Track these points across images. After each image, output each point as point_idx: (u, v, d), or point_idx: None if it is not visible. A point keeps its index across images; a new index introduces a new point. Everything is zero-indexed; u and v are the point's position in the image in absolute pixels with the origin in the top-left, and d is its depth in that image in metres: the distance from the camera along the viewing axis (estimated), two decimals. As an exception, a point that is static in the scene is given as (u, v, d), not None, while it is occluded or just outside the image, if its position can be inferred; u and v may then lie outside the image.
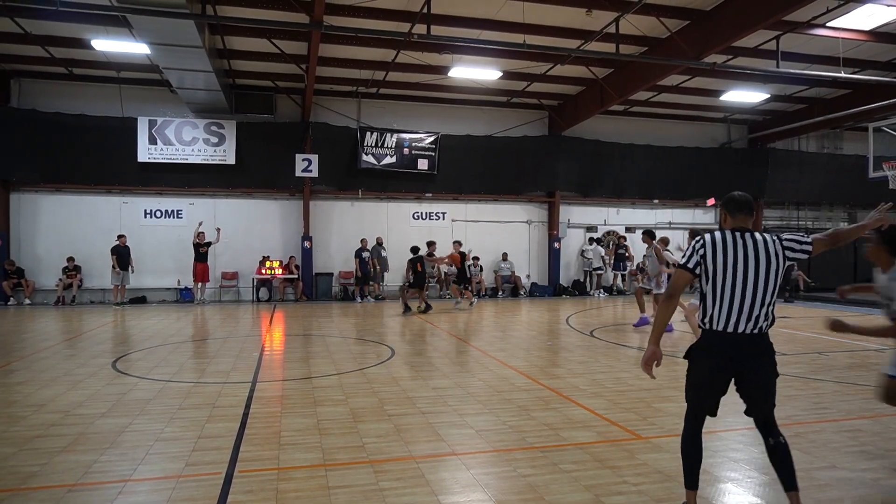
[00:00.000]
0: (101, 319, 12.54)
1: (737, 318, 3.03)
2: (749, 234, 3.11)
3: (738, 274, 3.02)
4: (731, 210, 3.27)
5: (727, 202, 3.30)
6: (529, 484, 3.72)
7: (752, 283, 3.01)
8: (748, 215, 3.23)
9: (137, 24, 10.85)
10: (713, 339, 3.11)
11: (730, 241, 3.08)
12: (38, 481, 3.76)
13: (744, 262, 3.03)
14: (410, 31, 11.66)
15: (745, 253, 3.04)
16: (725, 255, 3.05)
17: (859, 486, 3.71)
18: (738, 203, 3.26)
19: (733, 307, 3.02)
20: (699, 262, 3.13)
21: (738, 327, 3.03)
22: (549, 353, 8.66)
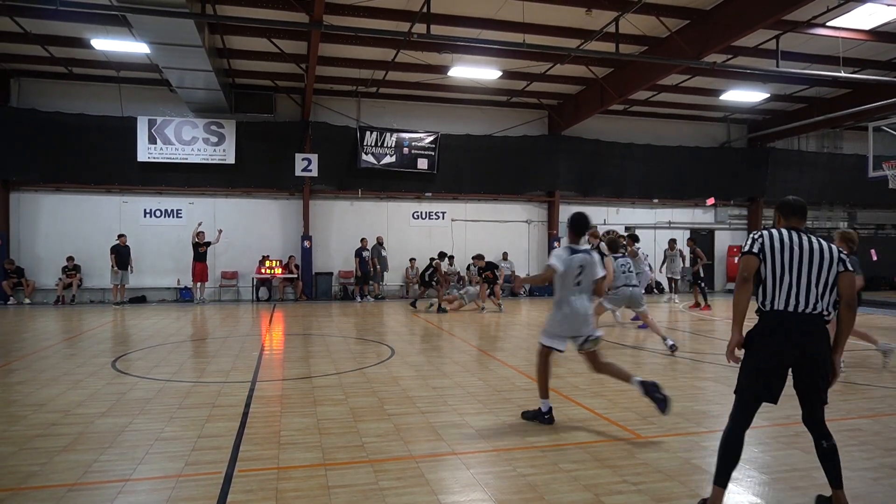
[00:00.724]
0: (101, 319, 12.54)
1: (795, 299, 3.19)
2: (803, 233, 3.30)
3: (795, 259, 3.21)
4: (786, 213, 3.43)
5: (782, 206, 3.46)
6: (529, 483, 3.72)
7: (807, 270, 3.19)
8: (801, 219, 3.40)
9: (137, 23, 10.85)
10: (773, 318, 3.23)
11: (786, 235, 3.27)
12: (38, 481, 3.76)
13: (799, 251, 3.22)
14: (410, 31, 11.66)
15: (800, 245, 3.23)
16: (782, 243, 3.24)
17: (859, 486, 3.71)
18: (793, 207, 3.42)
19: (791, 289, 3.19)
20: (761, 249, 3.27)
21: (798, 307, 3.18)
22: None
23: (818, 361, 3.22)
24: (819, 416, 3.33)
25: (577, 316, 4.84)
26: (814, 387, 3.28)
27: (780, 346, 3.21)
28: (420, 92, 17.66)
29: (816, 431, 3.33)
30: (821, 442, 3.30)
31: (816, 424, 3.33)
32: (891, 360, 7.47)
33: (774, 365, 3.23)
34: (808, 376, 3.26)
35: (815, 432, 3.34)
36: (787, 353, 3.21)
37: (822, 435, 3.31)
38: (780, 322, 3.22)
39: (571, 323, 4.87)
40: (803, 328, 3.19)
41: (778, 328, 3.22)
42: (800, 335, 3.19)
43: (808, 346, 3.19)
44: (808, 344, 3.19)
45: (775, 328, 3.23)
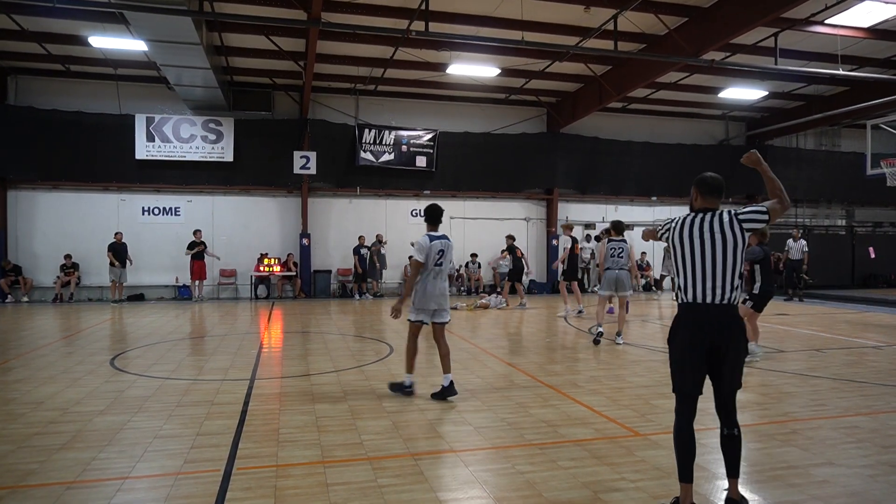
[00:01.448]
0: (99, 317, 12.53)
1: (702, 289, 3.23)
2: (712, 214, 3.33)
3: (703, 247, 3.25)
4: (703, 191, 3.46)
5: (701, 183, 3.48)
6: (527, 480, 3.73)
7: (715, 255, 3.23)
8: (717, 198, 3.42)
9: (135, 20, 10.81)
10: (689, 311, 3.29)
11: (695, 221, 3.33)
12: (37, 479, 3.76)
13: (710, 239, 3.26)
14: (409, 28, 11.64)
15: (710, 231, 3.27)
16: (693, 231, 3.30)
17: (856, 483, 3.72)
18: (710, 186, 3.45)
19: (697, 279, 3.25)
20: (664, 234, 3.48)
21: (706, 298, 3.22)
22: (548, 349, 8.67)
23: (731, 346, 3.24)
24: (729, 403, 3.36)
25: (435, 293, 5.74)
26: (726, 371, 3.29)
27: (698, 338, 3.23)
28: (418, 89, 17.63)
29: (724, 419, 3.37)
30: (727, 431, 3.33)
31: (726, 411, 3.37)
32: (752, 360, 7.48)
33: (693, 354, 3.25)
34: (721, 362, 3.26)
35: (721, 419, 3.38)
36: (702, 342, 3.23)
37: (728, 423, 3.34)
38: (698, 314, 3.25)
39: (431, 299, 5.73)
40: (717, 316, 3.22)
41: (695, 319, 3.26)
42: (714, 323, 3.22)
43: (723, 333, 3.22)
44: (722, 330, 3.22)
45: (693, 319, 3.27)
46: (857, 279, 21.51)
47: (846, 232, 22.39)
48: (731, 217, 3.30)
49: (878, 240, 22.29)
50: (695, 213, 3.39)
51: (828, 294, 18.21)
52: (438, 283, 5.78)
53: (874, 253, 21.80)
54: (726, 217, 3.30)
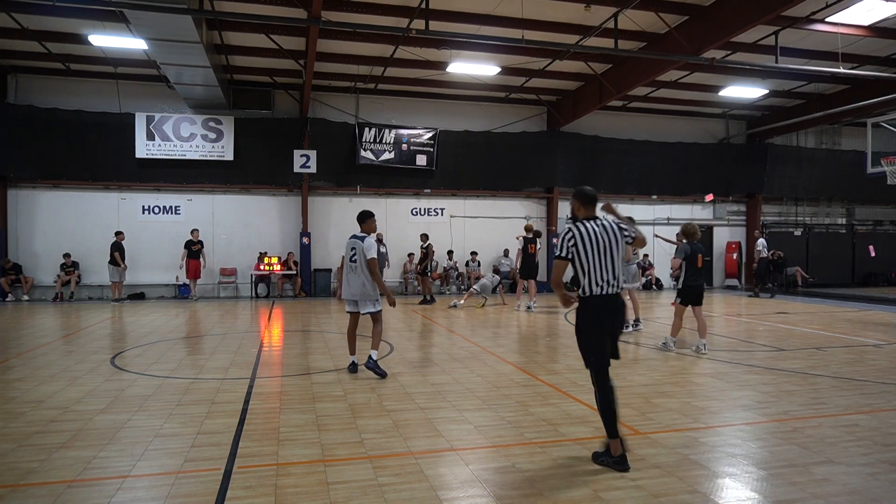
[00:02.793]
0: (100, 316, 12.53)
1: (605, 284, 3.99)
2: (599, 221, 4.10)
3: (600, 249, 4.00)
4: (585, 202, 4.20)
5: (582, 196, 4.21)
6: (528, 479, 3.73)
7: (608, 256, 4.01)
8: (595, 206, 4.21)
9: (135, 19, 10.79)
10: (590, 303, 4.02)
11: (590, 228, 4.04)
12: (37, 477, 3.76)
13: (604, 241, 4.01)
14: (409, 27, 11.62)
15: (603, 234, 4.03)
16: (590, 238, 4.01)
17: (856, 481, 3.72)
18: (591, 197, 4.21)
19: (602, 275, 3.98)
20: (572, 249, 4.03)
21: (607, 290, 3.99)
22: (548, 348, 8.67)
23: (618, 327, 4.12)
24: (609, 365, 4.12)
25: (350, 286, 6.58)
26: (615, 348, 4.10)
27: (602, 325, 4.01)
28: (419, 88, 17.62)
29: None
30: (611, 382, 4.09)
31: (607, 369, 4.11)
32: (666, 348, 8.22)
33: (603, 336, 4.02)
34: (612, 341, 4.08)
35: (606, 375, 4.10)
36: (608, 326, 4.03)
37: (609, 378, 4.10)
38: (601, 304, 3.99)
39: (349, 291, 6.60)
40: (616, 305, 4.04)
41: (598, 309, 4.00)
42: (613, 312, 4.03)
43: (617, 319, 4.07)
44: (617, 317, 4.07)
45: (599, 308, 4.00)
46: (857, 277, 21.52)
47: (846, 230, 22.38)
48: (614, 225, 4.07)
49: (878, 238, 22.28)
50: (584, 220, 4.09)
51: (828, 292, 18.22)
52: (352, 278, 6.57)
53: (874, 251, 21.80)
54: (609, 224, 4.07)
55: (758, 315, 12.71)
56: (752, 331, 10.33)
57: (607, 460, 3.94)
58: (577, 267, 4.03)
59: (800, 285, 19.85)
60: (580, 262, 4.01)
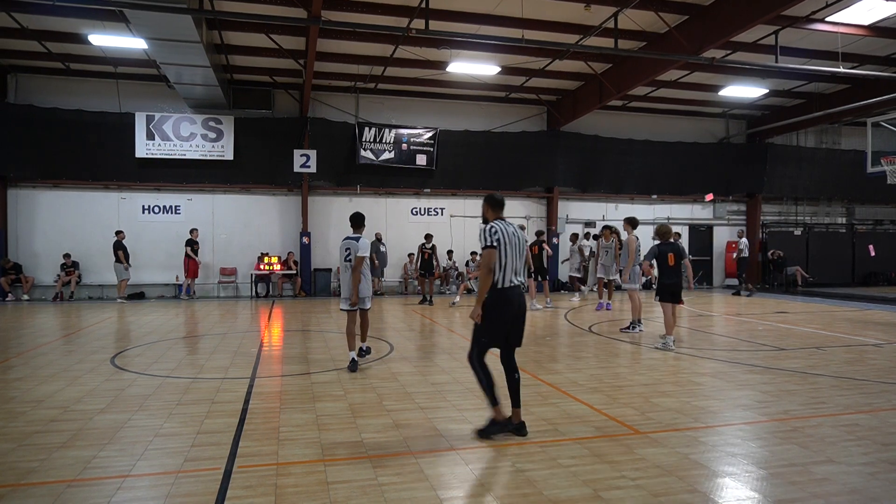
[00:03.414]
0: (100, 315, 12.53)
1: (512, 276, 4.49)
2: (508, 223, 4.61)
3: (513, 246, 4.50)
4: (496, 207, 4.68)
5: (493, 202, 4.68)
6: (528, 479, 3.73)
7: (518, 252, 4.53)
8: (502, 210, 4.70)
9: (135, 18, 10.79)
10: (503, 293, 4.46)
11: (505, 228, 4.53)
12: (38, 477, 3.76)
13: (515, 239, 4.54)
14: (409, 26, 11.62)
15: (514, 234, 4.55)
16: (507, 235, 4.49)
17: (856, 481, 3.72)
18: (501, 202, 4.71)
19: (511, 270, 4.48)
20: (499, 241, 4.45)
21: (514, 282, 4.50)
22: (548, 348, 8.67)
23: (524, 314, 4.61)
24: (514, 356, 4.67)
25: (345, 284, 7.08)
26: (519, 334, 4.61)
27: (508, 313, 4.48)
28: (419, 88, 17.62)
29: (510, 368, 4.61)
30: (513, 375, 4.59)
31: (511, 363, 4.64)
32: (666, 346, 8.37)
33: (503, 325, 4.50)
34: (516, 329, 4.58)
35: (508, 368, 4.61)
36: (510, 316, 4.50)
37: (513, 370, 4.62)
38: (510, 295, 4.47)
39: (343, 288, 7.13)
40: (519, 297, 4.54)
41: (507, 300, 4.46)
42: (518, 302, 4.52)
43: (520, 308, 4.56)
44: (520, 306, 4.56)
45: (507, 299, 4.46)
46: (857, 277, 21.52)
47: (846, 230, 22.37)
48: (517, 226, 4.67)
49: (878, 238, 22.27)
50: (495, 222, 4.55)
51: (828, 292, 18.21)
52: (346, 277, 7.11)
53: (874, 251, 21.80)
54: (515, 227, 4.62)
55: (758, 315, 12.71)
56: (752, 330, 10.33)
57: (494, 429, 4.47)
58: (496, 259, 4.43)
59: (800, 285, 19.85)
60: (500, 255, 4.43)
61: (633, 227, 10.24)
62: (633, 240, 10.13)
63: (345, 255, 7.03)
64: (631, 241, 10.13)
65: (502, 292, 4.46)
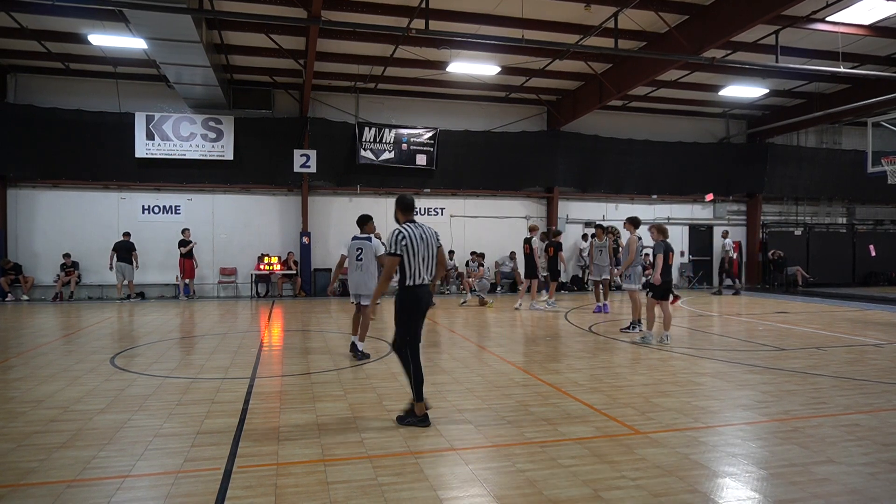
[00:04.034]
0: (100, 315, 12.53)
1: (423, 275, 4.81)
2: (419, 224, 4.89)
3: (421, 247, 4.78)
4: (405, 210, 4.95)
5: (401, 203, 4.96)
6: (528, 479, 3.73)
7: (426, 252, 4.83)
8: (412, 212, 4.96)
9: (134, 18, 10.79)
10: (414, 291, 4.79)
11: (415, 230, 4.80)
12: (37, 477, 3.76)
13: (422, 241, 4.79)
14: (409, 26, 11.62)
15: (421, 236, 4.81)
16: (415, 237, 4.76)
17: (857, 481, 3.72)
18: (409, 205, 4.96)
19: (423, 268, 4.81)
20: (404, 248, 4.71)
21: (425, 280, 4.84)
22: (548, 348, 8.66)
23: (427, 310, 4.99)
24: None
25: (354, 282, 7.53)
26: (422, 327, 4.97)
27: (420, 309, 4.84)
28: (419, 88, 17.62)
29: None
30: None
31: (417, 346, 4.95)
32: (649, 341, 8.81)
33: (418, 321, 4.86)
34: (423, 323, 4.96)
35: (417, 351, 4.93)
36: (422, 309, 4.86)
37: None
38: (419, 293, 4.80)
39: (352, 286, 7.57)
40: (427, 293, 4.87)
41: (418, 297, 4.79)
42: (426, 299, 4.87)
43: (430, 303, 4.94)
44: (430, 301, 4.93)
45: (417, 297, 4.79)
46: (857, 277, 21.51)
47: (847, 230, 22.37)
48: (430, 229, 4.93)
49: (878, 237, 22.27)
50: (405, 225, 4.81)
51: (828, 292, 18.21)
52: (357, 275, 7.52)
53: (875, 251, 21.80)
54: (426, 227, 4.89)
55: (758, 315, 12.70)
56: (752, 330, 10.33)
57: (412, 420, 4.76)
58: (405, 262, 4.74)
59: (800, 285, 19.85)
60: (408, 257, 4.73)
61: (635, 226, 10.15)
62: (634, 240, 10.03)
63: (356, 254, 7.37)
64: (632, 240, 10.03)
65: (413, 290, 4.78)
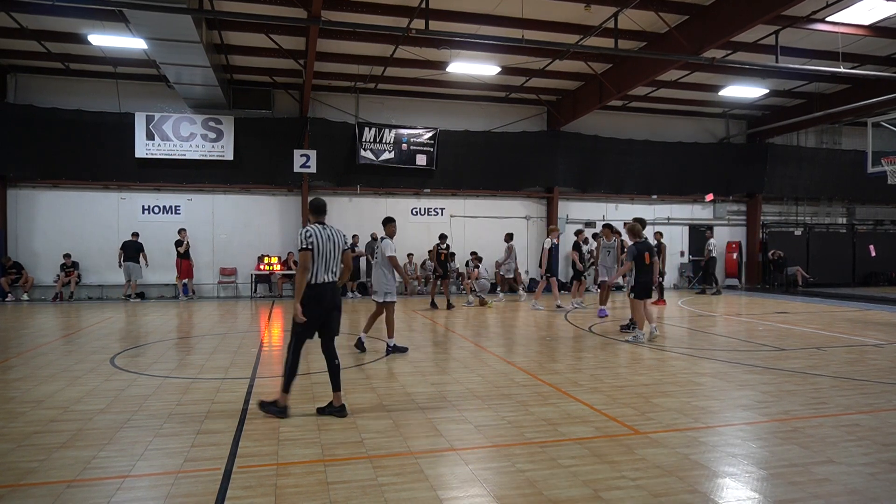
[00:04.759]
0: (100, 315, 12.52)
1: (324, 275, 5.04)
2: (327, 226, 5.18)
3: (328, 247, 5.05)
4: (316, 212, 5.26)
5: (312, 206, 5.29)
6: (528, 479, 3.73)
7: (333, 253, 5.10)
8: (324, 214, 5.28)
9: (134, 18, 10.79)
10: (314, 289, 4.99)
11: (320, 230, 5.08)
12: (37, 477, 3.76)
13: (329, 241, 5.08)
14: (409, 26, 11.62)
15: (329, 236, 5.10)
16: (323, 237, 5.04)
17: (857, 481, 3.72)
18: (318, 207, 5.27)
19: (327, 268, 5.06)
20: (313, 243, 4.98)
21: (326, 279, 5.06)
22: (548, 348, 8.66)
23: (337, 308, 5.22)
24: (332, 345, 5.23)
25: (376, 280, 8.06)
26: (334, 325, 5.20)
27: (322, 306, 5.03)
28: (419, 88, 17.62)
29: (329, 355, 5.20)
30: (332, 362, 5.17)
31: (330, 351, 5.21)
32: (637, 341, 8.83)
33: (317, 317, 5.03)
34: (331, 319, 5.16)
35: (328, 356, 5.20)
36: (325, 308, 5.05)
37: (333, 357, 5.20)
38: (320, 291, 5.01)
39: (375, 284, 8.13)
40: (333, 291, 5.12)
41: (318, 295, 5.00)
42: (331, 296, 5.10)
43: (336, 301, 5.18)
44: (335, 299, 5.16)
45: (320, 295, 5.01)
46: (857, 277, 21.51)
47: (847, 230, 22.37)
48: (338, 230, 5.25)
49: (878, 238, 22.27)
50: (312, 225, 5.10)
51: (828, 292, 18.21)
52: (377, 273, 8.03)
53: (875, 251, 21.80)
54: (335, 230, 5.20)
55: (758, 315, 12.70)
56: (752, 330, 10.33)
57: (273, 409, 5.02)
58: (311, 259, 5.00)
59: (800, 285, 19.85)
60: (314, 255, 4.98)
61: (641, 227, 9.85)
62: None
63: (374, 253, 8.16)
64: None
65: (314, 288, 5.01)
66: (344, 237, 5.29)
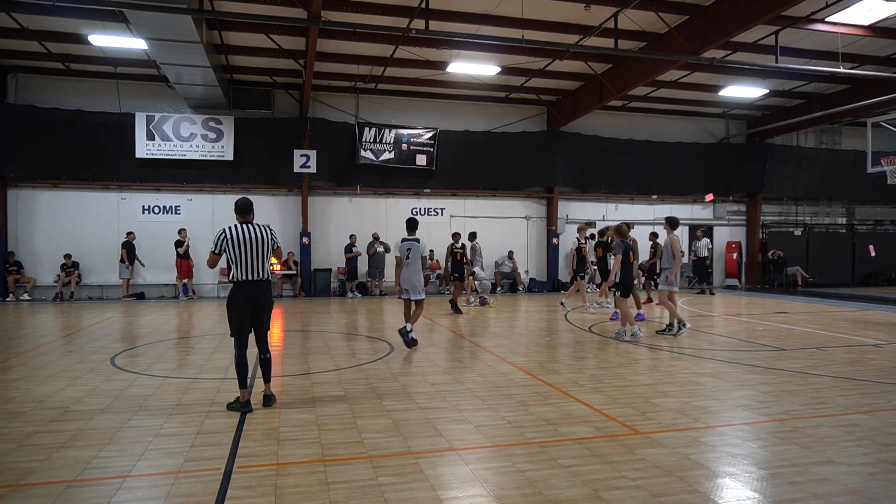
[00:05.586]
0: (100, 315, 12.53)
1: (251, 272, 5.18)
2: (250, 224, 5.29)
3: (249, 245, 5.18)
4: (239, 211, 5.34)
5: (235, 206, 5.36)
6: (528, 479, 3.73)
7: (256, 251, 5.21)
8: (249, 213, 5.35)
9: (135, 19, 10.80)
10: (238, 287, 5.19)
11: (241, 230, 5.21)
12: (37, 477, 3.76)
13: (251, 239, 5.20)
14: (409, 27, 11.62)
15: (251, 234, 5.22)
16: (241, 237, 5.17)
17: (856, 481, 3.72)
18: (241, 208, 5.35)
19: (248, 265, 5.18)
20: (223, 245, 5.15)
21: (253, 277, 5.20)
22: (548, 348, 8.66)
23: (265, 306, 5.33)
24: (265, 340, 5.40)
25: (403, 278, 8.38)
26: (264, 321, 5.34)
27: (247, 303, 5.19)
28: (419, 88, 17.63)
29: (261, 350, 5.36)
30: (263, 356, 5.36)
31: (263, 344, 5.37)
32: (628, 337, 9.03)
33: (244, 313, 5.19)
34: (260, 316, 5.31)
35: (259, 350, 5.36)
36: (249, 305, 5.20)
37: (264, 351, 5.37)
38: (244, 289, 5.18)
39: (403, 282, 8.41)
40: (257, 288, 5.22)
41: (243, 293, 5.18)
42: (257, 293, 5.22)
43: (260, 298, 5.26)
44: (260, 297, 5.26)
45: (241, 293, 5.18)
46: (857, 277, 21.52)
47: (846, 230, 22.38)
48: (266, 228, 5.34)
49: (878, 238, 22.28)
50: (237, 224, 5.23)
51: (828, 292, 18.22)
52: (408, 272, 8.41)
53: (874, 251, 21.81)
54: (262, 228, 5.30)
55: (758, 315, 12.71)
56: (752, 330, 10.33)
57: (236, 406, 5.17)
58: (230, 259, 5.17)
59: (800, 285, 19.85)
60: (232, 255, 5.15)
61: (672, 227, 9.48)
62: (675, 239, 9.35)
63: (406, 253, 8.33)
64: (674, 241, 9.31)
65: (238, 286, 5.18)
66: (271, 233, 5.36)
